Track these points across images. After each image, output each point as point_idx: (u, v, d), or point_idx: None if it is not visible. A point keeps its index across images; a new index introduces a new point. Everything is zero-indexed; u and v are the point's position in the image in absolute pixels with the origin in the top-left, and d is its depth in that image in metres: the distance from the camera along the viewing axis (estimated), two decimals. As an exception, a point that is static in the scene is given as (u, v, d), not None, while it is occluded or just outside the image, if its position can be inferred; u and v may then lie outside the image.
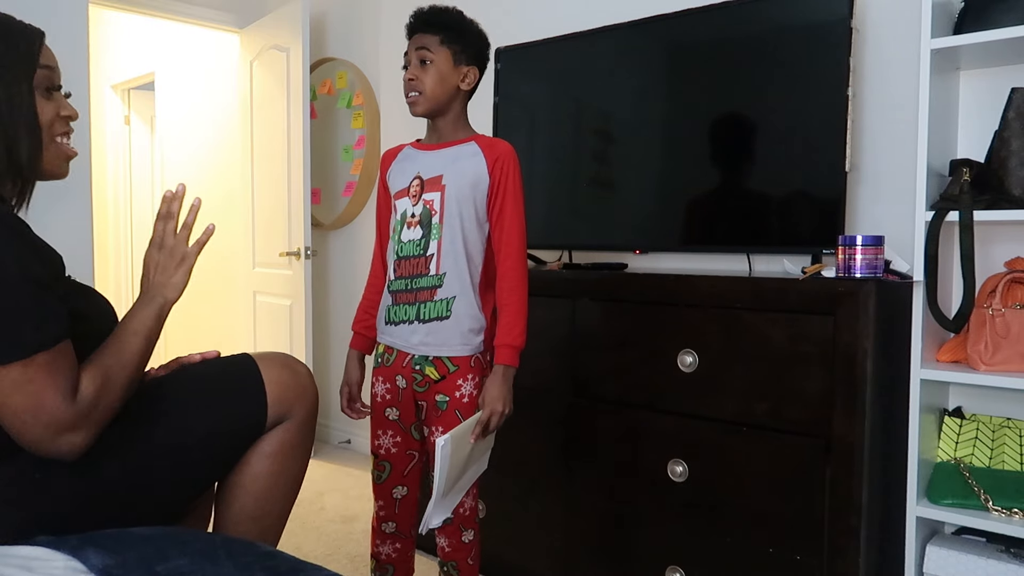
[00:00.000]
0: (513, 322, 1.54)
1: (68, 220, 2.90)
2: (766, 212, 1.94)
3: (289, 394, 1.32)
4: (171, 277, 1.23)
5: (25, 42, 1.13)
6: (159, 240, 1.23)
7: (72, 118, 1.20)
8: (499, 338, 1.54)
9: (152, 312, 1.20)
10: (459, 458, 1.49)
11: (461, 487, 1.59)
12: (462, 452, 1.49)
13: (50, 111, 1.16)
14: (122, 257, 5.38)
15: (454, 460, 1.46)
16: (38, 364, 1.01)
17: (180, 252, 1.23)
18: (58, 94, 1.18)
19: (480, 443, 1.54)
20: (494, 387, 1.53)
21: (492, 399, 1.52)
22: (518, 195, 1.56)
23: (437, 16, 1.55)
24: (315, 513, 2.72)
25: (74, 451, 1.06)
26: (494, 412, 1.52)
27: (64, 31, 2.88)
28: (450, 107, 1.58)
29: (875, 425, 1.53)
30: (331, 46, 3.69)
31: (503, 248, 1.55)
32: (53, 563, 0.93)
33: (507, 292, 1.55)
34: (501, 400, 1.52)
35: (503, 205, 1.55)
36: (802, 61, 1.86)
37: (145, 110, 5.31)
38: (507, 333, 1.54)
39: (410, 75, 1.54)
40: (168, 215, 1.23)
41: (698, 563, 1.71)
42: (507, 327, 1.54)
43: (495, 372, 1.54)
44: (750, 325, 1.63)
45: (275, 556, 1.02)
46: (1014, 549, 1.55)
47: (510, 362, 1.54)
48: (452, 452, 1.44)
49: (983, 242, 1.74)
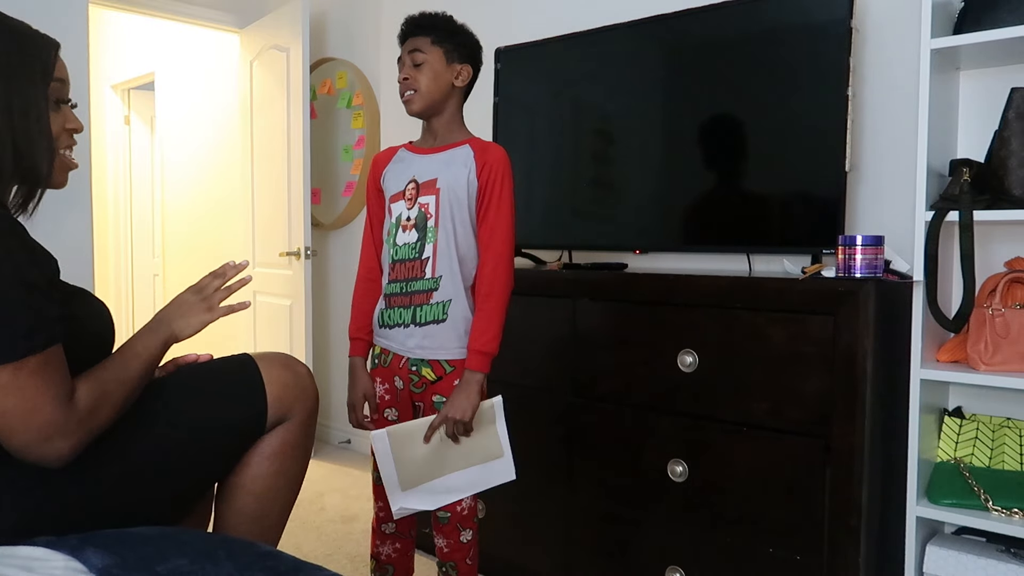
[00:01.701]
0: (485, 327, 1.52)
1: (68, 220, 2.90)
2: (766, 212, 1.94)
3: (289, 394, 1.32)
4: (191, 318, 1.27)
5: (44, 53, 1.14)
6: (200, 287, 1.31)
7: (77, 131, 1.22)
8: (471, 342, 1.52)
9: (159, 340, 1.23)
10: (416, 455, 1.47)
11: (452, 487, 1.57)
12: (416, 450, 1.47)
13: (58, 123, 1.17)
14: (122, 257, 5.38)
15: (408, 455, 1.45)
16: (29, 368, 1.00)
17: (211, 303, 1.30)
18: (66, 107, 1.19)
19: (461, 447, 1.53)
20: (459, 395, 1.51)
21: (452, 406, 1.50)
22: (506, 199, 1.55)
23: (428, 19, 1.58)
24: (315, 513, 2.72)
25: (61, 458, 1.04)
26: (448, 419, 1.50)
27: (64, 31, 2.86)
28: (445, 106, 1.59)
29: (875, 425, 1.53)
30: (331, 46, 3.69)
31: (485, 251, 1.55)
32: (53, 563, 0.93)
33: (483, 296, 1.53)
34: (461, 410, 1.50)
35: (488, 208, 1.54)
36: (802, 61, 1.86)
37: (145, 110, 5.31)
38: (478, 338, 1.52)
39: (404, 75, 1.56)
40: (222, 275, 1.33)
41: (698, 563, 1.71)
42: (479, 331, 1.52)
43: (464, 379, 1.52)
44: (750, 325, 1.63)
45: (275, 556, 1.02)
46: (1014, 549, 1.55)
47: (480, 368, 1.51)
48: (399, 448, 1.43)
49: (983, 242, 1.74)
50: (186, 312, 1.27)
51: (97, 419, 1.08)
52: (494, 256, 1.54)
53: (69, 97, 1.19)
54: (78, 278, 1.29)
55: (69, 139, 1.21)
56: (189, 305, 1.28)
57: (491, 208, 1.54)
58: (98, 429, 1.09)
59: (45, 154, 1.13)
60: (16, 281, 1.01)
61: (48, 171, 1.15)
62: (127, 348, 1.19)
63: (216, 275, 1.33)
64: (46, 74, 1.13)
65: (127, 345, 1.20)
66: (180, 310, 1.27)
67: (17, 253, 1.02)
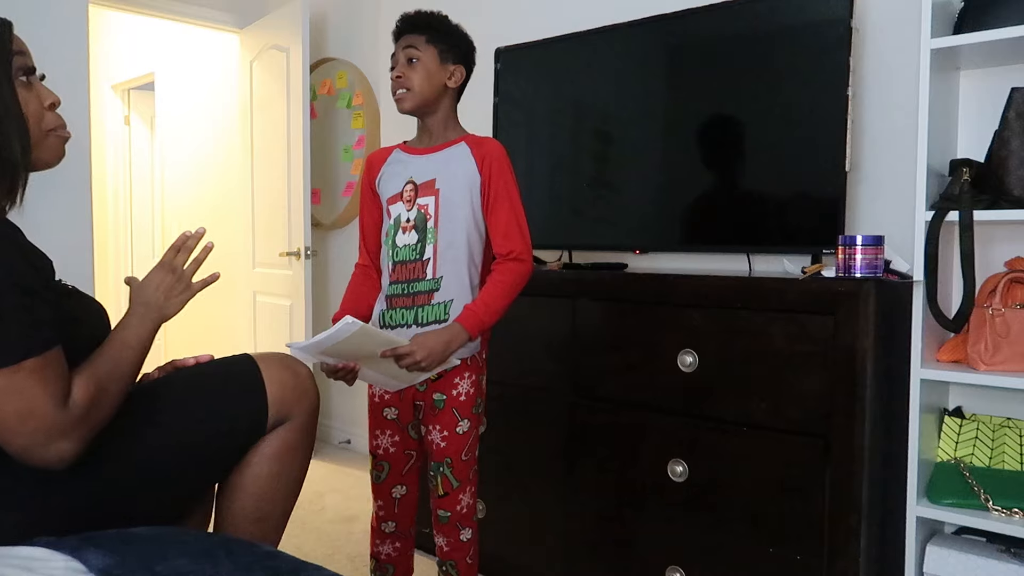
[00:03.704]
0: (493, 300, 1.50)
1: (68, 220, 2.90)
2: (766, 212, 1.93)
3: (290, 395, 1.32)
4: (172, 299, 1.26)
5: None
6: (169, 265, 1.27)
7: (56, 105, 1.18)
8: (474, 302, 1.50)
9: (149, 327, 1.22)
10: (362, 350, 1.41)
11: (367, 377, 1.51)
12: (367, 348, 1.41)
13: (33, 102, 1.13)
14: (122, 257, 5.38)
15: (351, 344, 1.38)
16: (27, 370, 1.00)
17: (187, 280, 1.28)
18: (37, 82, 1.15)
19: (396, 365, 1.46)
20: (432, 337, 1.45)
21: (421, 344, 1.43)
22: (511, 189, 1.55)
23: (423, 18, 1.58)
24: (315, 513, 2.72)
25: (64, 459, 1.04)
26: (411, 355, 1.42)
27: (64, 31, 2.88)
28: (438, 105, 1.59)
29: (875, 425, 1.53)
30: (331, 46, 3.69)
31: (506, 239, 1.53)
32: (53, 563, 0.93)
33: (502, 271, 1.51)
34: (427, 352, 1.43)
35: (495, 199, 1.54)
36: (802, 61, 1.85)
37: (145, 110, 5.31)
38: (483, 303, 1.49)
39: (397, 72, 1.56)
40: (184, 248, 1.29)
41: (698, 563, 1.71)
42: (487, 299, 1.49)
43: (449, 327, 1.48)
44: (750, 325, 1.63)
45: (275, 556, 1.02)
46: (1014, 549, 1.55)
47: (470, 328, 1.48)
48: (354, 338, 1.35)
49: (983, 242, 1.74)
50: (167, 292, 1.25)
51: (96, 416, 1.08)
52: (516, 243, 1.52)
53: (34, 65, 1.15)
54: (78, 278, 1.29)
55: (56, 119, 1.18)
56: (168, 286, 1.26)
57: (499, 197, 1.54)
58: (98, 426, 1.09)
59: (17, 137, 1.09)
60: (11, 284, 1.00)
61: (24, 157, 1.11)
62: (117, 340, 1.17)
63: (178, 249, 1.29)
64: (5, 57, 1.09)
65: (116, 337, 1.17)
66: (159, 291, 1.25)
67: (11, 255, 1.01)
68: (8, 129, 1.09)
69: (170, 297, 1.26)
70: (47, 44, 2.67)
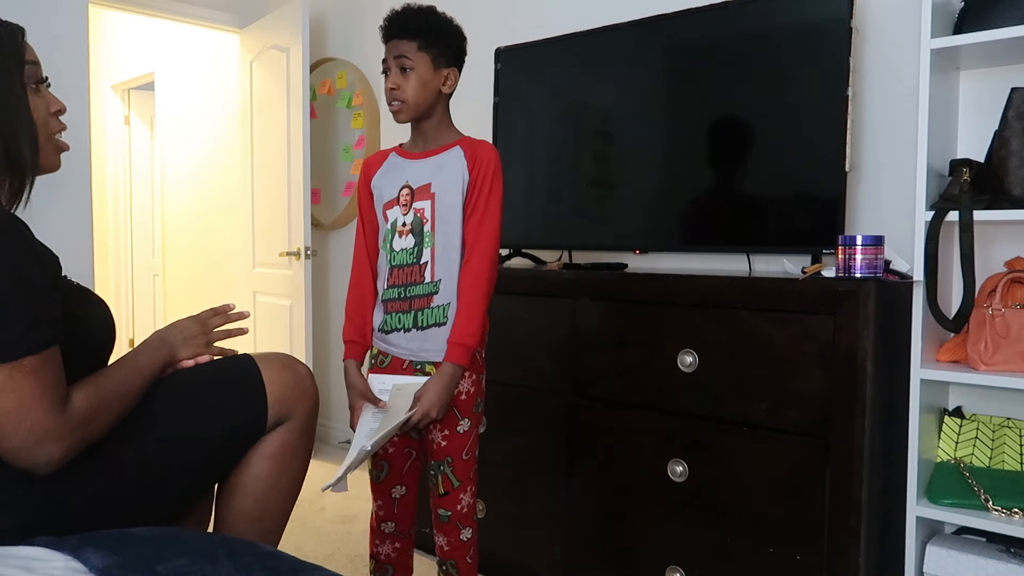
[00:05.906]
0: (468, 321, 1.50)
1: (68, 220, 2.90)
2: (766, 212, 1.93)
3: (290, 394, 1.32)
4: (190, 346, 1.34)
5: (11, 40, 1.12)
6: (203, 319, 1.39)
7: (62, 112, 1.21)
8: (453, 335, 1.51)
9: (161, 359, 1.27)
10: (375, 430, 1.48)
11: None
12: (382, 428, 1.47)
13: (41, 107, 1.16)
14: (122, 257, 5.38)
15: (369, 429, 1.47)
16: (25, 368, 1.00)
17: (210, 338, 1.38)
18: (45, 89, 1.18)
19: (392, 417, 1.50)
20: (435, 390, 1.48)
21: (429, 403, 1.47)
22: (496, 196, 1.54)
23: (413, 20, 1.53)
24: (315, 513, 2.72)
25: (51, 463, 1.03)
26: (426, 416, 1.47)
27: (64, 31, 2.88)
28: (434, 111, 1.58)
29: (875, 425, 1.53)
30: (331, 46, 3.69)
31: (472, 245, 1.53)
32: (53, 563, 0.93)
33: (469, 287, 1.52)
34: (437, 406, 1.48)
35: (476, 203, 1.53)
36: (802, 61, 1.86)
37: (145, 110, 5.31)
38: (461, 331, 1.50)
39: (392, 84, 1.53)
40: (223, 314, 1.43)
41: (698, 563, 1.71)
42: (462, 324, 1.50)
43: (441, 372, 1.50)
44: (750, 325, 1.63)
45: (275, 556, 1.02)
46: (1014, 549, 1.55)
47: (460, 361, 1.50)
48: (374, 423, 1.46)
49: (983, 242, 1.74)
50: (188, 339, 1.34)
51: (92, 428, 1.08)
52: (480, 251, 1.52)
53: (44, 76, 1.19)
54: (78, 278, 1.29)
55: (59, 124, 1.21)
56: (192, 334, 1.35)
57: (479, 204, 1.53)
58: (91, 438, 1.09)
59: (28, 143, 1.12)
60: (16, 280, 1.00)
61: (33, 160, 1.14)
62: (129, 362, 1.20)
63: (218, 312, 1.43)
64: (19, 62, 1.12)
65: (129, 359, 1.21)
66: (183, 335, 1.33)
67: (18, 251, 1.02)
68: (20, 133, 1.11)
69: (188, 343, 1.33)
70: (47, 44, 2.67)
